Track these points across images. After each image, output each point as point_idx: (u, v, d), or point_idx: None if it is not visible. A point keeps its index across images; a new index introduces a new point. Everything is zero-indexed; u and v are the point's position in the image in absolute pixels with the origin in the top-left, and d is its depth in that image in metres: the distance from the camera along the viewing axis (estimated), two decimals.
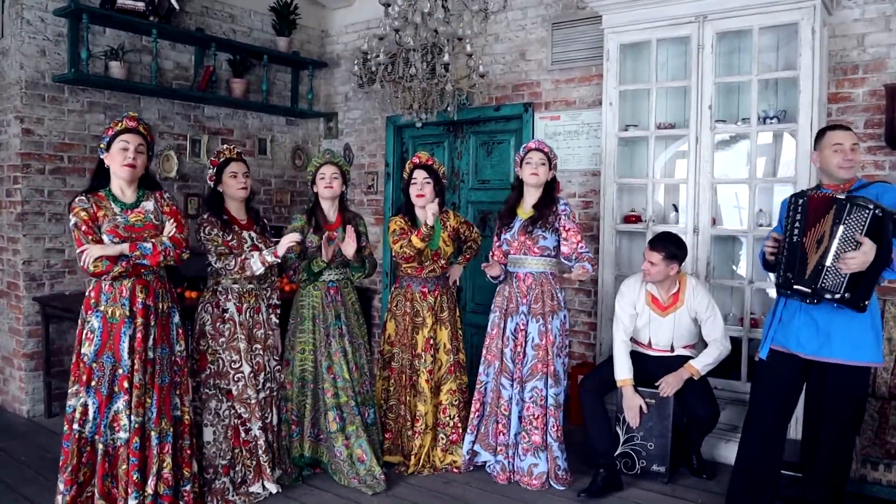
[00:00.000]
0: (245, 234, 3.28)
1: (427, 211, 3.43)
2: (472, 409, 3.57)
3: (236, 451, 3.22)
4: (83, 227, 2.73)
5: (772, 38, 3.81)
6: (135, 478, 2.75)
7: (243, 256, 3.16)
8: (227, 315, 3.20)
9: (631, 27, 3.93)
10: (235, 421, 3.20)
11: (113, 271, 2.72)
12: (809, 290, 2.62)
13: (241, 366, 3.20)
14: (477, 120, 5.04)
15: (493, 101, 4.90)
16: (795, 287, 2.67)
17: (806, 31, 3.46)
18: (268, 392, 3.30)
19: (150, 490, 2.79)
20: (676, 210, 4.06)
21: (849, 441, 2.80)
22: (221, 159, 3.30)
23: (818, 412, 2.79)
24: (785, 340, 2.79)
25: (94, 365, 2.76)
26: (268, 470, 3.24)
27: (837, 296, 2.56)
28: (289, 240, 3.16)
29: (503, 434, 3.46)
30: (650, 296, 3.45)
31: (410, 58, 3.95)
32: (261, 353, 3.28)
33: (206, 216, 3.25)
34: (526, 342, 3.42)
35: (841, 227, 2.54)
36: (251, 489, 3.21)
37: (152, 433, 2.82)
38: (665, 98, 4.15)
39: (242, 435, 3.22)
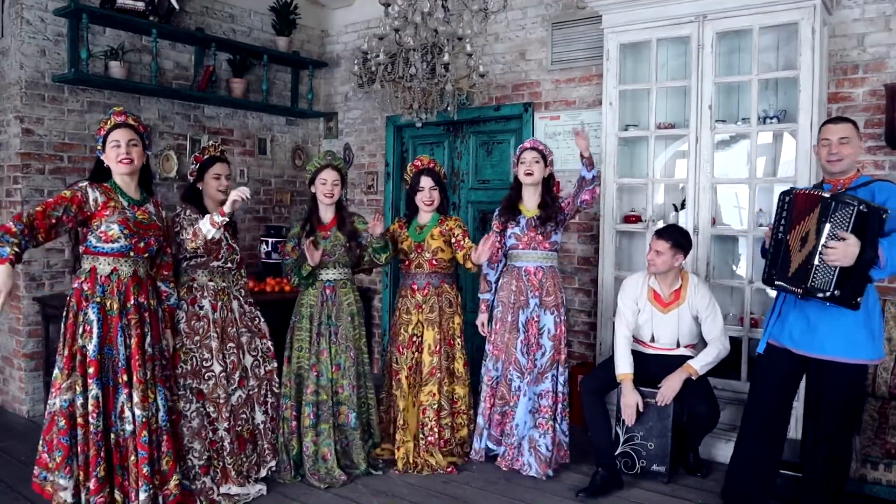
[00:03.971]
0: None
1: (374, 226, 3.38)
2: (487, 404, 3.60)
3: (211, 451, 3.18)
4: (59, 201, 2.67)
5: (772, 37, 3.81)
6: (145, 471, 2.77)
7: (195, 226, 3.09)
8: (201, 313, 3.20)
9: (631, 27, 3.93)
10: (205, 421, 3.16)
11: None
12: (799, 290, 2.63)
13: (212, 364, 3.19)
14: (477, 120, 5.03)
15: (493, 100, 4.89)
16: (777, 283, 2.73)
17: (806, 30, 3.46)
18: (247, 392, 3.29)
19: (176, 480, 2.88)
20: (676, 210, 4.06)
21: (847, 439, 2.80)
22: (206, 156, 3.29)
23: (816, 410, 2.81)
24: (779, 335, 2.84)
25: (99, 357, 2.76)
26: (232, 473, 3.18)
27: (828, 294, 2.57)
28: (237, 194, 3.02)
29: (509, 424, 3.52)
30: (652, 292, 3.45)
31: (410, 58, 3.96)
32: (234, 352, 3.26)
33: (185, 205, 3.27)
34: (541, 334, 3.49)
35: (827, 226, 2.55)
36: (221, 491, 3.15)
37: (166, 426, 2.89)
38: (665, 98, 4.15)
39: (210, 435, 3.18)
